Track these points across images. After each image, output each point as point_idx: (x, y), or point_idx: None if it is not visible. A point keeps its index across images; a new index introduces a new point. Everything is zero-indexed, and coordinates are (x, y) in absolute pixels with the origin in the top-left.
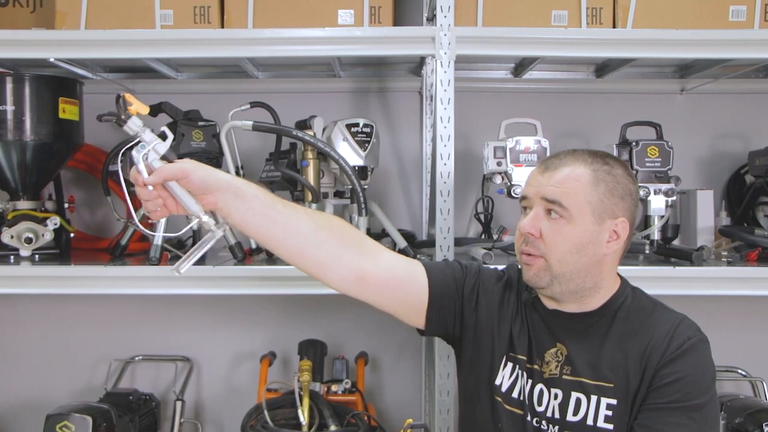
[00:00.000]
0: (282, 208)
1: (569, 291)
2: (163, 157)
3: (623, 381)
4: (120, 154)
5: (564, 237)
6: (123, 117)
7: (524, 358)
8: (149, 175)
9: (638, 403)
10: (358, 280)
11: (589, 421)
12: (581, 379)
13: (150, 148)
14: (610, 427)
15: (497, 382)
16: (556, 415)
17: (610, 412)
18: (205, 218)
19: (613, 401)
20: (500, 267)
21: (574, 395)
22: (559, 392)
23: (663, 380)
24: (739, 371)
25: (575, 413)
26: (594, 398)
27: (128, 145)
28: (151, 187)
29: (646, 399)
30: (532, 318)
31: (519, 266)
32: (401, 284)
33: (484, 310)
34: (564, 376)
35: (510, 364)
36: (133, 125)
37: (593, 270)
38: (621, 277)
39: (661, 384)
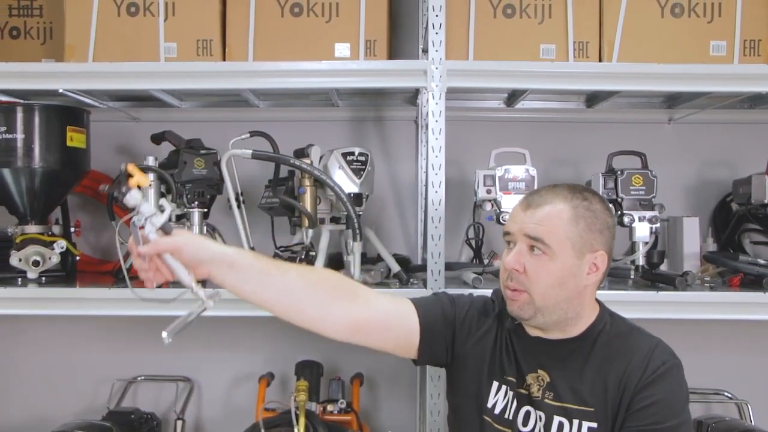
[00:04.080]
0: (275, 272)
1: (552, 321)
2: (162, 228)
3: (603, 405)
4: (118, 223)
5: (546, 272)
6: (123, 190)
7: (513, 380)
8: (145, 245)
9: (618, 426)
10: (353, 329)
11: None
12: (564, 405)
13: (147, 221)
14: None
15: (489, 404)
16: None
17: None
18: (196, 290)
19: (594, 424)
20: (489, 291)
21: (557, 419)
22: (542, 415)
23: (640, 404)
24: (725, 394)
25: None
26: (576, 422)
27: (128, 217)
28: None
29: (625, 422)
30: (515, 343)
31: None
32: (394, 327)
33: (475, 338)
34: (546, 400)
35: (504, 387)
36: (132, 199)
37: (575, 301)
38: (599, 303)
39: (638, 407)
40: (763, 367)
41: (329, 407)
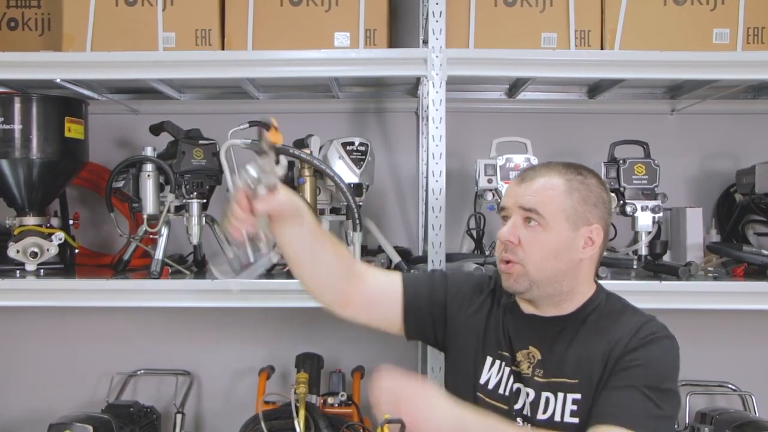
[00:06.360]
0: (319, 237)
1: (547, 295)
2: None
3: (587, 375)
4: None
5: (541, 243)
6: (265, 149)
7: (508, 355)
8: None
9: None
10: (343, 304)
11: (557, 418)
12: (550, 380)
13: (264, 176)
14: (576, 420)
15: (482, 380)
16: (529, 414)
17: (575, 407)
18: (267, 244)
19: (578, 396)
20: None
21: (544, 395)
22: (531, 392)
23: (622, 365)
24: (730, 386)
25: (544, 411)
26: (561, 395)
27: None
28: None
29: (606, 383)
30: (509, 321)
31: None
32: (379, 305)
33: (467, 313)
34: (536, 378)
35: (498, 362)
36: (268, 160)
37: (570, 275)
38: (597, 284)
39: (619, 368)
40: (767, 358)
41: (330, 400)
